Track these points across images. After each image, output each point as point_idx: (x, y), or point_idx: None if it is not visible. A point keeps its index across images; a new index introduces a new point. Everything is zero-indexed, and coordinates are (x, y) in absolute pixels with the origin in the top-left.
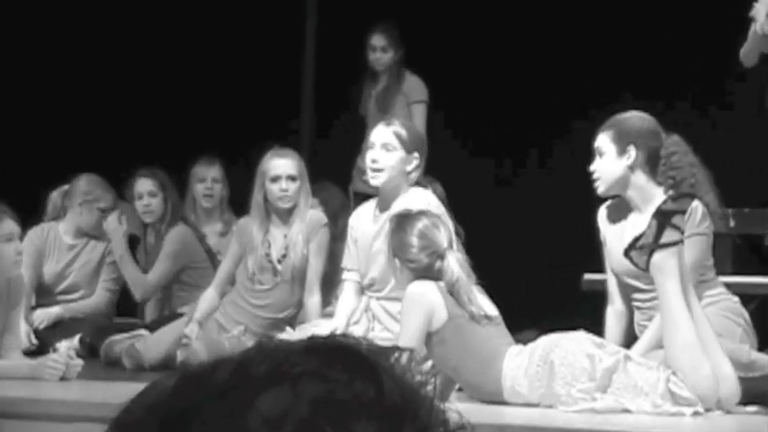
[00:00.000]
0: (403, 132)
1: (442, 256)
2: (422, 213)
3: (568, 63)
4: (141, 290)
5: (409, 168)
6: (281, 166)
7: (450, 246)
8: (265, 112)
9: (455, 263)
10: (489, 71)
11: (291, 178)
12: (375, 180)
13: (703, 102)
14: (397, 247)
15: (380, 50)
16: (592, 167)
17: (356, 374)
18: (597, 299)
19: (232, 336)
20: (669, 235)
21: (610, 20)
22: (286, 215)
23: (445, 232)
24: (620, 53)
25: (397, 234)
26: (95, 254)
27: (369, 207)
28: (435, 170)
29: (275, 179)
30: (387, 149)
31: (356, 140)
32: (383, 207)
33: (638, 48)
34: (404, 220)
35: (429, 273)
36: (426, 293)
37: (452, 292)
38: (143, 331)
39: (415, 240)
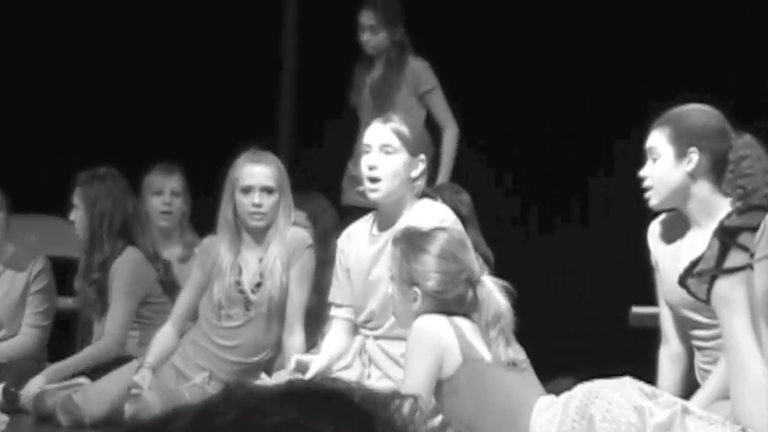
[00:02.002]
0: (405, 130)
1: (473, 284)
2: (440, 229)
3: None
4: (112, 351)
5: (414, 174)
6: (256, 174)
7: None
8: (237, 109)
9: (498, 293)
10: (521, 85)
11: (267, 190)
12: (374, 192)
13: None
14: (414, 272)
15: (369, 31)
16: (643, 173)
17: (344, 426)
18: (648, 337)
19: (194, 384)
20: (735, 258)
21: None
22: (261, 234)
23: (473, 253)
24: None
25: (411, 255)
26: (18, 282)
27: (363, 225)
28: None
29: (247, 190)
30: (386, 152)
31: (347, 141)
32: (383, 225)
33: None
34: (419, 237)
35: (459, 307)
36: (437, 330)
37: (489, 331)
38: (82, 379)
39: (440, 263)
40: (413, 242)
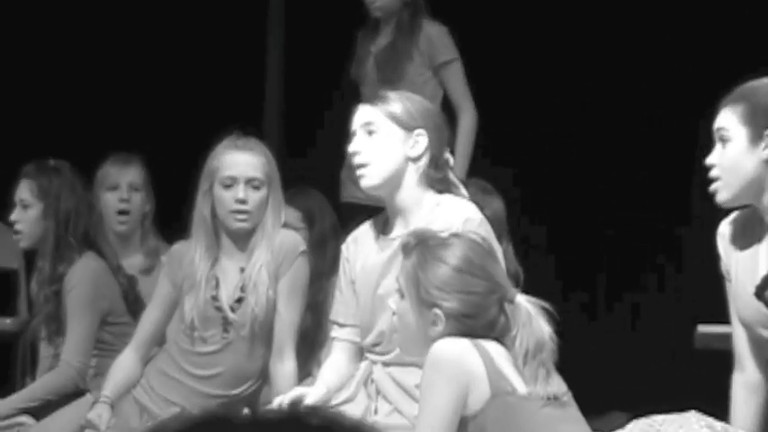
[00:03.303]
0: (394, 104)
1: (504, 305)
2: (463, 235)
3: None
4: (72, 381)
5: (414, 153)
6: (240, 164)
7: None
8: (213, 92)
9: (540, 317)
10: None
11: (254, 184)
12: (364, 179)
13: None
14: (433, 290)
15: None
16: (710, 160)
17: None
18: (717, 362)
19: None
20: None
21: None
22: (244, 238)
23: (503, 266)
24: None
25: (429, 269)
26: None
27: (371, 228)
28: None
29: (229, 184)
30: (370, 132)
31: (346, 127)
32: (396, 226)
33: None
34: (438, 246)
35: (489, 332)
36: (461, 357)
37: (528, 362)
38: (25, 418)
39: (466, 280)
40: (430, 252)
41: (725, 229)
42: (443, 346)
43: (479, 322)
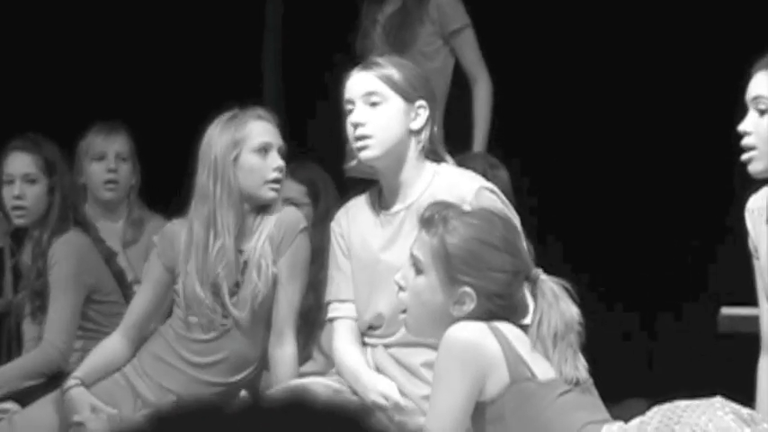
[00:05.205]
0: (394, 72)
1: (524, 283)
2: (484, 210)
3: None
4: (54, 363)
5: (416, 126)
6: (271, 131)
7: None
8: (203, 62)
9: (566, 297)
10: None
11: (282, 153)
12: (365, 150)
13: None
14: (467, 268)
15: None
16: (742, 127)
17: None
18: (743, 345)
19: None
20: None
21: None
22: (256, 215)
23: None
24: None
25: (460, 241)
26: None
27: (365, 201)
28: None
29: (264, 150)
30: (373, 103)
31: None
32: (393, 199)
33: None
34: (464, 219)
35: (513, 313)
36: (480, 342)
37: (556, 344)
38: (9, 404)
39: (503, 258)
40: (460, 226)
41: (753, 204)
42: (459, 330)
43: (507, 302)
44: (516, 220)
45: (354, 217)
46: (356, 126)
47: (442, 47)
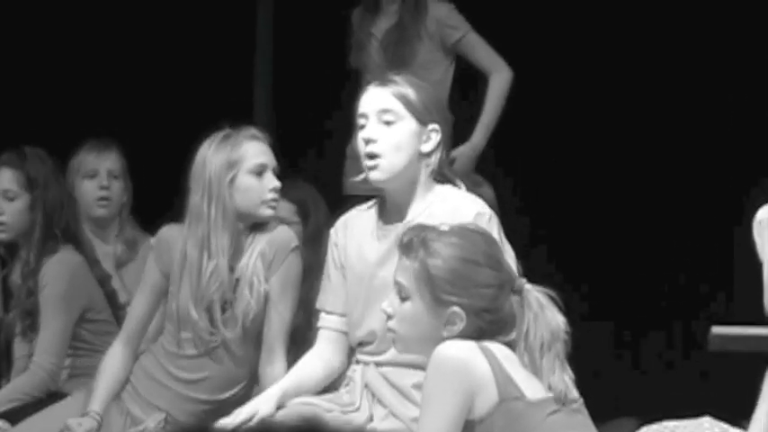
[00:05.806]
0: (410, 92)
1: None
2: (459, 227)
3: None
4: (44, 384)
5: (426, 149)
6: (266, 152)
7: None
8: (196, 80)
9: (552, 306)
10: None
11: (275, 172)
12: (374, 170)
13: None
14: (453, 287)
15: None
16: None
17: None
18: (733, 364)
19: (145, 430)
20: None
21: None
22: (246, 234)
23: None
24: None
25: (440, 262)
26: None
27: (364, 215)
28: None
29: (260, 172)
30: (387, 122)
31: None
32: (393, 216)
33: None
34: (440, 239)
35: (501, 329)
36: (468, 360)
37: (543, 355)
38: (0, 423)
39: (489, 275)
40: (438, 247)
41: (763, 215)
42: (448, 348)
43: (496, 316)
44: (508, 247)
45: (352, 228)
46: (367, 142)
47: (442, 59)
